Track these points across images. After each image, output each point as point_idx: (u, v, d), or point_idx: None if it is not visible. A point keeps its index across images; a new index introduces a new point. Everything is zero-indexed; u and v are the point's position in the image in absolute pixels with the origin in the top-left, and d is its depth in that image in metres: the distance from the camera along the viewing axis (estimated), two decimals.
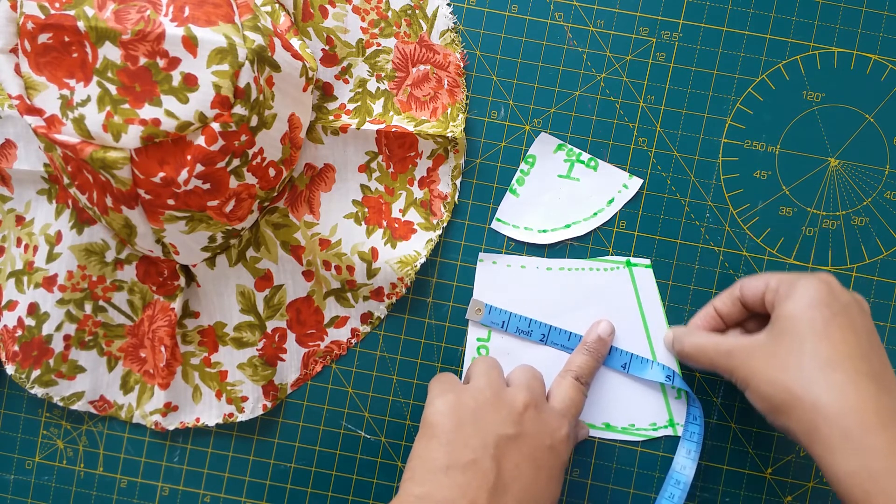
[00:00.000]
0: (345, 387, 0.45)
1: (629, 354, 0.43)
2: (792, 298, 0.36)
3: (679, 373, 0.43)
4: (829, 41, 0.44)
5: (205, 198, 0.36)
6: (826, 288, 0.36)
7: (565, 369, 0.42)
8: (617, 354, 0.43)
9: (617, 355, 0.43)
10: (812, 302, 0.36)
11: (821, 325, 0.35)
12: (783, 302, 0.37)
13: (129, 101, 0.33)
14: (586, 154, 0.44)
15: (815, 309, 0.36)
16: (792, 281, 0.37)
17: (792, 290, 0.37)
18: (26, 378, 0.43)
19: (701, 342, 0.40)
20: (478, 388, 0.38)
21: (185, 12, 0.33)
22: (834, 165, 0.44)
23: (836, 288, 0.37)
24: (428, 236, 0.44)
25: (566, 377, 0.41)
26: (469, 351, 0.44)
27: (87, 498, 0.45)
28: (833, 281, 0.37)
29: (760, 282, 0.39)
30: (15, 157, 0.42)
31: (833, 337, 0.35)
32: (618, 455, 0.44)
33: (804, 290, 0.36)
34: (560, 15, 0.44)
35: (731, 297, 0.41)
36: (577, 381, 0.41)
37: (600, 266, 0.44)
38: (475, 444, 0.36)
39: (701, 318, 0.42)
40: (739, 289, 0.40)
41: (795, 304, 0.36)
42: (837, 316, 0.35)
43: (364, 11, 0.43)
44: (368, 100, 0.44)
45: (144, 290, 0.43)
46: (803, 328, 0.35)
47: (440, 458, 0.36)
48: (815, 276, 0.37)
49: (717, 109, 0.44)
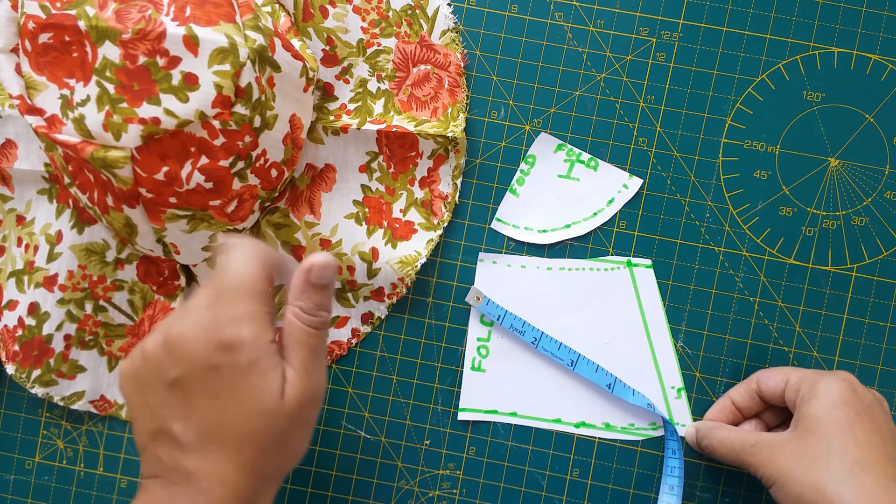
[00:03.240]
0: (345, 387, 0.45)
1: (613, 376, 0.43)
2: (816, 399, 0.37)
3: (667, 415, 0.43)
4: (829, 41, 0.44)
5: (207, 197, 0.36)
6: (848, 388, 0.37)
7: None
8: (603, 374, 0.43)
9: (603, 375, 0.43)
10: (836, 402, 0.36)
11: (847, 426, 0.36)
12: (807, 402, 0.37)
13: (127, 100, 0.33)
14: (586, 154, 0.44)
15: (839, 410, 0.36)
16: (813, 381, 0.38)
17: (815, 390, 0.37)
18: (26, 378, 0.43)
19: (728, 438, 0.40)
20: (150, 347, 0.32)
21: (186, 12, 0.34)
22: (834, 165, 0.44)
23: (858, 387, 0.37)
24: (428, 236, 0.44)
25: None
26: (469, 351, 0.44)
27: (87, 498, 0.45)
28: (853, 380, 0.37)
29: (779, 378, 0.40)
30: (16, 157, 0.42)
31: (859, 439, 0.35)
32: (618, 455, 0.44)
33: (827, 390, 0.37)
34: (560, 15, 0.44)
35: (748, 390, 0.41)
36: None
37: (600, 266, 0.44)
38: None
39: (718, 411, 0.42)
40: (757, 383, 0.41)
41: (820, 404, 0.37)
42: (862, 416, 0.36)
43: (364, 11, 0.43)
44: (369, 100, 0.44)
45: (145, 290, 0.43)
46: (830, 429, 0.36)
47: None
48: (837, 376, 0.38)
49: (717, 109, 0.44)
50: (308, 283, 0.33)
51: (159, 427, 0.31)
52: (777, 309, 0.44)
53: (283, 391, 0.31)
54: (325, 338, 0.34)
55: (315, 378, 0.33)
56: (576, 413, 0.44)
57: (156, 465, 0.31)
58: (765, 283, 0.44)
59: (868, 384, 0.43)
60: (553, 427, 0.44)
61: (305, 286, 0.33)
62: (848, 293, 0.44)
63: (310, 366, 0.32)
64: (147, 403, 0.31)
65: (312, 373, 0.32)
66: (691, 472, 0.44)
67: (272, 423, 0.31)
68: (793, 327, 0.44)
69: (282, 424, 0.31)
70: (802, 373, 0.39)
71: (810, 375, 0.38)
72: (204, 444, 0.30)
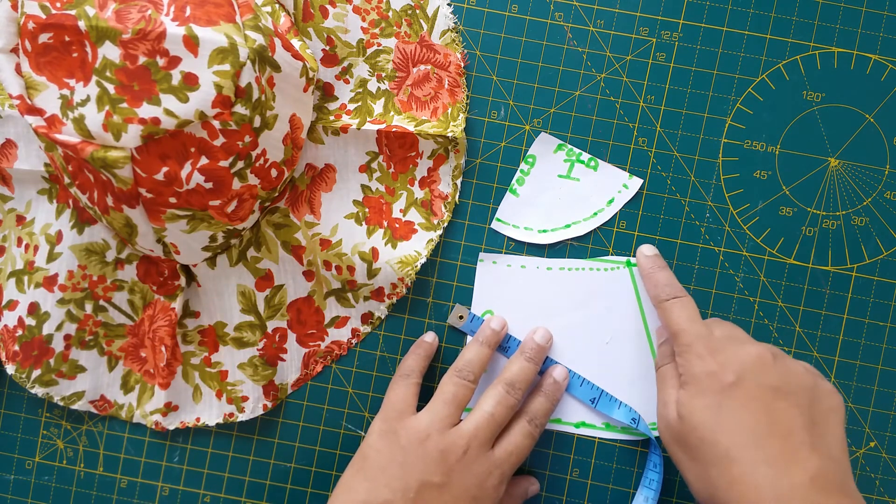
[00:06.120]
0: (345, 387, 0.45)
1: (599, 390, 0.43)
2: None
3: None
4: (829, 41, 0.44)
5: (207, 197, 0.36)
6: (706, 372, 0.37)
7: (501, 378, 0.40)
8: (588, 388, 0.43)
9: (588, 389, 0.43)
10: (704, 391, 0.38)
11: (714, 413, 0.37)
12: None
13: (127, 101, 0.33)
14: (586, 154, 0.44)
15: (706, 398, 0.37)
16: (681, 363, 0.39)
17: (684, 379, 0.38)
18: (26, 378, 0.43)
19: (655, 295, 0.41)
20: (419, 427, 0.38)
21: (186, 12, 0.34)
22: (834, 165, 0.44)
23: (722, 367, 0.37)
24: (428, 236, 0.44)
25: (520, 420, 0.40)
26: None
27: (87, 498, 0.45)
28: (714, 358, 0.37)
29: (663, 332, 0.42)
30: (16, 157, 0.42)
31: (726, 425, 0.36)
32: (618, 455, 0.44)
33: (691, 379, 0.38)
34: (560, 15, 0.44)
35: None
36: (531, 424, 0.40)
37: (600, 266, 0.44)
38: (396, 486, 0.36)
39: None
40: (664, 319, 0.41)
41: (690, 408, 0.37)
42: (727, 397, 0.36)
43: (364, 11, 0.43)
44: (369, 100, 0.44)
45: (145, 290, 0.43)
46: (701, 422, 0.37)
47: (361, 492, 0.37)
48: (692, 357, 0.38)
49: (717, 109, 0.44)
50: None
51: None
52: (777, 309, 0.44)
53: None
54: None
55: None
56: (576, 413, 0.44)
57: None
58: (765, 283, 0.44)
59: (868, 384, 0.43)
60: (553, 427, 0.44)
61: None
62: (848, 293, 0.44)
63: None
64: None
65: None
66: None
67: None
68: (793, 327, 0.44)
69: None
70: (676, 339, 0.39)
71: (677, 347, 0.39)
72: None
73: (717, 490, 0.34)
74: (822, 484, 0.33)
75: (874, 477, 0.43)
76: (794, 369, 0.36)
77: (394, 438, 0.38)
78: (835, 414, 0.35)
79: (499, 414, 0.39)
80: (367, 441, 0.39)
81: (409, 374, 0.41)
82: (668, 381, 0.39)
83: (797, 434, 0.34)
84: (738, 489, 0.33)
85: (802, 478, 0.33)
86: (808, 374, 0.36)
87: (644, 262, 0.43)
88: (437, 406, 0.39)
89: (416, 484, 0.36)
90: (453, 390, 0.39)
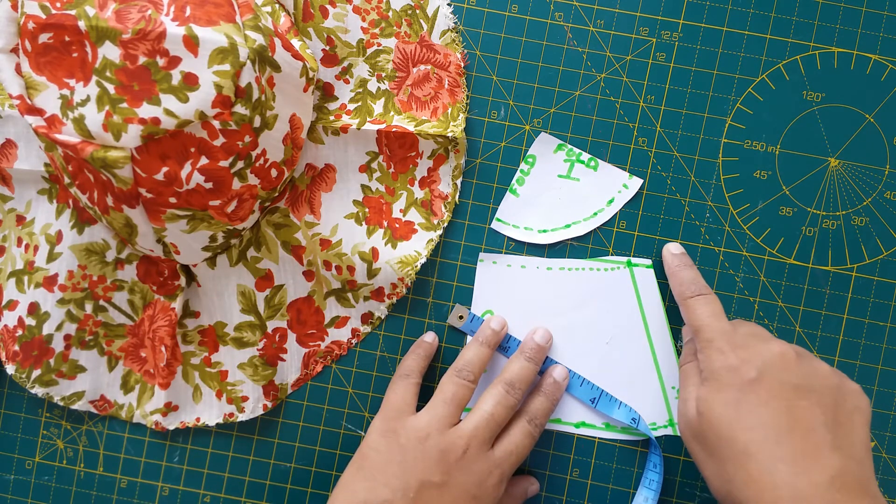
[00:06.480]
0: (345, 387, 0.45)
1: (599, 390, 0.43)
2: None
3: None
4: (829, 41, 0.44)
5: (207, 197, 0.36)
6: (727, 367, 0.37)
7: (501, 378, 0.40)
8: (588, 388, 0.43)
9: (588, 389, 0.43)
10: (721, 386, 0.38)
11: (734, 410, 0.37)
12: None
13: (127, 101, 0.33)
14: (586, 154, 0.44)
15: (726, 393, 0.37)
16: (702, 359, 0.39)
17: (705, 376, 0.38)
18: (26, 378, 0.43)
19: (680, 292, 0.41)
20: (419, 427, 0.38)
21: (186, 12, 0.34)
22: (834, 165, 0.44)
23: (743, 363, 0.37)
24: (428, 236, 0.44)
25: (520, 420, 0.40)
26: None
27: (87, 498, 0.45)
28: (738, 354, 0.37)
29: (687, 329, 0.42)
30: (16, 157, 0.42)
31: (746, 422, 0.36)
32: (618, 455, 0.44)
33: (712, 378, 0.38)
34: (560, 15, 0.44)
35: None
36: (530, 423, 0.40)
37: (600, 266, 0.44)
38: (396, 485, 0.36)
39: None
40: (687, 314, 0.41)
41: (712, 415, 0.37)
42: (747, 393, 0.36)
43: (364, 11, 0.43)
44: (369, 100, 0.44)
45: (145, 290, 0.43)
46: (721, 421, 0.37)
47: (360, 492, 0.37)
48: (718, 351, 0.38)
49: (717, 109, 0.44)
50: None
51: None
52: (777, 309, 0.44)
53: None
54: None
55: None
56: (576, 413, 0.44)
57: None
58: (765, 283, 0.44)
59: (868, 384, 0.43)
60: (553, 427, 0.44)
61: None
62: (848, 293, 0.44)
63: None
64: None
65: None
66: (691, 474, 0.44)
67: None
68: (793, 327, 0.44)
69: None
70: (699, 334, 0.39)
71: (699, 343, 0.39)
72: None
73: (734, 487, 0.34)
74: (842, 484, 0.32)
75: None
76: (818, 368, 0.36)
77: (393, 438, 0.38)
78: (860, 414, 0.35)
79: (498, 414, 0.39)
80: (367, 441, 0.39)
81: (409, 374, 0.41)
82: (690, 379, 0.39)
83: (818, 433, 0.33)
84: (754, 486, 0.33)
85: (822, 477, 0.32)
86: (834, 374, 0.36)
87: (670, 259, 0.42)
88: (436, 406, 0.39)
89: (415, 483, 0.36)
90: (453, 390, 0.39)
